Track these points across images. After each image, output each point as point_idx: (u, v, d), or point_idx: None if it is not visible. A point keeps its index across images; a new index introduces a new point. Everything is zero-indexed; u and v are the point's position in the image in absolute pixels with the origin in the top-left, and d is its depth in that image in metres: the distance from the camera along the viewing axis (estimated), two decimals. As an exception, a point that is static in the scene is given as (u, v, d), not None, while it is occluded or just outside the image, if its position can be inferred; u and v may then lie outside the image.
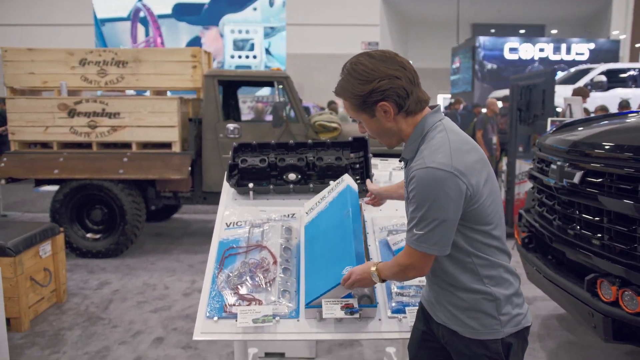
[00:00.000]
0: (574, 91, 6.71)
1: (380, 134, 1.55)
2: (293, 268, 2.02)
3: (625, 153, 2.29)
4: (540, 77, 5.90)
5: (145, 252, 5.45)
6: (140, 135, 5.14)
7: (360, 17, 19.16)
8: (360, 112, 1.53)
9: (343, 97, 1.54)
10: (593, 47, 18.66)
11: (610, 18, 19.95)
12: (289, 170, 2.40)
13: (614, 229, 2.28)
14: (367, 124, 1.55)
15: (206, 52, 5.70)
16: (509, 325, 1.50)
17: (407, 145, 1.54)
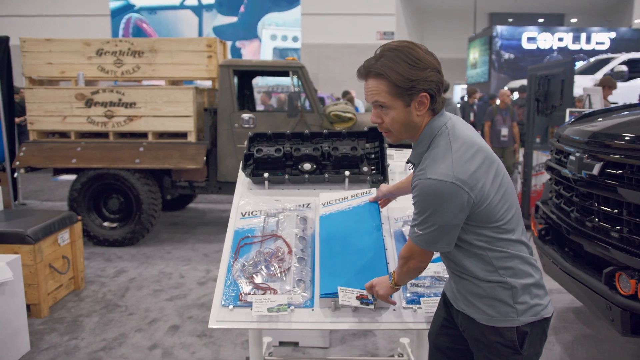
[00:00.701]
0: (600, 81, 6.53)
1: (401, 126, 1.51)
2: (308, 258, 2.03)
3: (648, 144, 2.24)
4: (558, 67, 5.80)
5: (161, 241, 5.51)
6: (156, 125, 5.18)
7: (375, 6, 18.98)
8: (397, 98, 1.46)
9: (386, 76, 1.44)
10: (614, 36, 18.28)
11: (632, 6, 19.49)
12: (304, 160, 2.40)
13: (633, 221, 2.25)
14: (395, 113, 1.48)
15: (221, 41, 5.70)
16: (526, 315, 1.50)
17: (414, 149, 1.56)
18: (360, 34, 18.90)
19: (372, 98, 1.49)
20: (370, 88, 1.49)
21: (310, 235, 2.13)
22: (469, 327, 1.58)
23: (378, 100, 1.48)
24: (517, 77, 14.91)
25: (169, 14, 15.77)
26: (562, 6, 22.54)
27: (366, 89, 1.50)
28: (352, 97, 9.96)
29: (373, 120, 1.54)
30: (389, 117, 1.50)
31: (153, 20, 15.77)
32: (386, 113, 1.50)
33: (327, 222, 2.13)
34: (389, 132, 1.54)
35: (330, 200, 2.21)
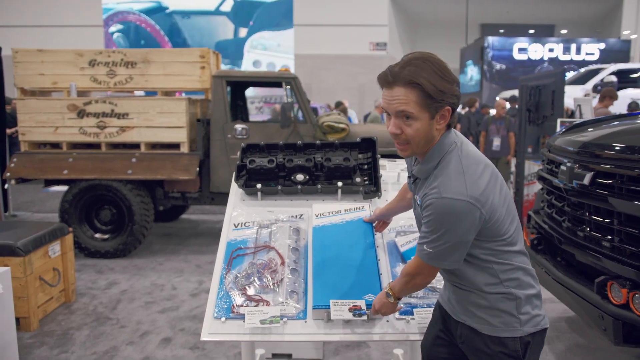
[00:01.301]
0: (602, 92, 6.60)
1: (422, 139, 1.45)
2: (301, 269, 2.02)
3: (636, 154, 2.27)
4: (549, 77, 5.86)
5: (153, 253, 5.48)
6: (149, 136, 5.17)
7: (368, 17, 19.14)
8: (425, 109, 1.41)
9: (420, 85, 1.37)
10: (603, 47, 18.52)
11: (621, 18, 19.78)
12: (297, 170, 2.40)
13: (624, 230, 2.26)
14: (420, 125, 1.42)
15: (214, 52, 5.71)
16: (529, 325, 1.51)
17: (423, 165, 1.52)
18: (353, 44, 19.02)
19: (397, 107, 1.41)
20: (397, 97, 1.40)
21: (303, 247, 2.12)
22: (471, 337, 1.57)
23: (406, 110, 1.40)
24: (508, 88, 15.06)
25: (203, 19, 15.67)
26: (552, 17, 22.83)
27: (389, 98, 1.42)
28: (345, 108, 10.01)
29: (392, 131, 1.45)
30: (412, 129, 1.43)
31: (186, 25, 15.61)
32: (409, 124, 1.42)
33: (320, 233, 2.13)
34: (406, 145, 1.47)
35: (323, 212, 2.21)
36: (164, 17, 15.63)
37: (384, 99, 1.44)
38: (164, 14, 15.61)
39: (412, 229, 2.18)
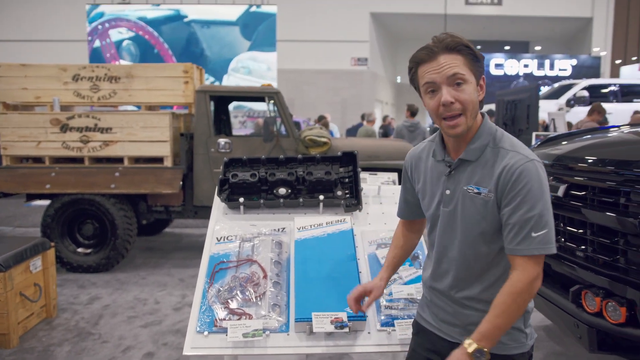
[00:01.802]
0: (591, 107, 6.74)
1: (474, 106, 1.38)
2: (283, 282, 2.01)
3: (608, 167, 2.31)
4: (524, 92, 5.98)
5: (136, 267, 5.40)
6: (132, 150, 5.12)
7: (350, 33, 19.37)
8: (472, 71, 1.38)
9: (465, 44, 1.38)
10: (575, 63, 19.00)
11: (591, 36, 20.33)
12: (279, 184, 2.40)
13: (597, 241, 2.30)
14: (472, 88, 1.37)
15: (198, 67, 5.71)
16: (531, 338, 1.48)
17: (474, 143, 1.41)
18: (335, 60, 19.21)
19: (449, 71, 1.35)
20: (446, 62, 1.35)
21: (286, 260, 2.12)
22: None
23: (458, 72, 1.35)
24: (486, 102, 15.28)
25: (223, 30, 15.07)
26: (526, 34, 23.36)
27: (437, 67, 1.36)
28: (327, 122, 10.06)
29: (446, 100, 1.35)
30: (466, 94, 1.36)
31: (205, 35, 15.00)
32: (462, 89, 1.36)
33: (302, 246, 2.13)
34: (459, 117, 1.37)
35: (305, 225, 2.21)
36: (182, 26, 14.98)
37: (429, 72, 1.37)
38: (182, 23, 14.99)
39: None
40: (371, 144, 5.80)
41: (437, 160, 1.50)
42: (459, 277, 1.47)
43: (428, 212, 1.55)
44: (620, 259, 2.16)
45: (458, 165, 1.44)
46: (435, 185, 1.50)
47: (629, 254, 2.11)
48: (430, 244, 1.59)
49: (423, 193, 1.56)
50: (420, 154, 1.59)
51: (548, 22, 20.70)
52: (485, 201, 1.38)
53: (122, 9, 14.98)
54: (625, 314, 2.05)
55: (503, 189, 1.35)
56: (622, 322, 2.05)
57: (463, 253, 1.45)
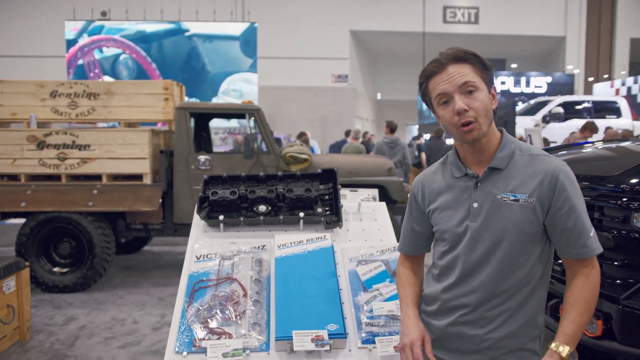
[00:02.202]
0: (585, 124, 6.87)
1: (487, 112, 1.39)
2: (263, 300, 1.99)
3: (582, 182, 2.36)
4: (502, 108, 6.09)
5: (114, 286, 5.30)
6: (111, 167, 5.06)
7: (330, 51, 19.58)
8: (483, 80, 1.40)
9: (472, 59, 1.40)
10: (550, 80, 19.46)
11: (565, 54, 20.91)
12: (259, 202, 2.39)
13: (573, 255, 2.34)
14: (484, 95, 1.39)
15: (178, 84, 5.70)
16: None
17: (501, 152, 1.42)
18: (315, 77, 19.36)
19: (460, 79, 1.37)
20: (456, 72, 1.38)
21: (266, 278, 2.10)
22: None
23: (469, 80, 1.37)
24: (464, 118, 15.50)
25: (226, 45, 14.76)
26: (503, 52, 23.89)
27: (447, 77, 1.38)
28: (307, 139, 10.09)
29: (460, 108, 1.36)
30: (479, 101, 1.37)
31: (207, 49, 14.65)
32: (475, 97, 1.37)
33: (282, 264, 2.11)
34: (473, 123, 1.37)
35: (285, 243, 2.21)
36: (183, 40, 14.68)
37: (440, 83, 1.39)
38: (183, 37, 14.66)
39: (372, 257, 2.19)
40: (351, 161, 5.83)
41: (456, 177, 1.48)
42: (488, 292, 1.42)
43: (447, 231, 1.47)
44: (596, 273, 2.20)
45: (487, 175, 1.42)
46: (458, 202, 1.46)
47: (604, 268, 2.14)
48: (445, 267, 1.50)
49: (442, 211, 1.49)
50: (432, 176, 1.55)
51: (523, 41, 21.24)
52: (526, 207, 1.37)
53: (119, 24, 14.84)
54: (601, 327, 2.08)
55: (551, 194, 1.36)
56: (599, 335, 2.08)
57: (498, 267, 1.40)
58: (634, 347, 1.98)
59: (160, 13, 14.87)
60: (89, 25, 14.77)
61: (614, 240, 2.09)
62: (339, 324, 1.82)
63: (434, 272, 1.57)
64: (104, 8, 15.19)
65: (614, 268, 2.10)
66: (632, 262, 2.04)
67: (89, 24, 14.77)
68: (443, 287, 1.49)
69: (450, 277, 1.48)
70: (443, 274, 1.51)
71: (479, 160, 1.45)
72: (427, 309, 1.56)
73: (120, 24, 14.87)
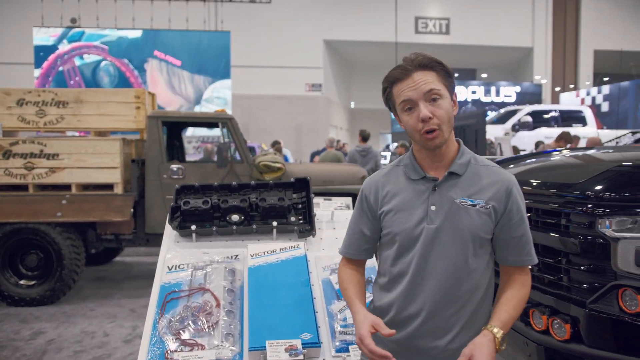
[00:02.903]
0: (560, 134, 6.74)
1: (450, 119, 1.43)
2: (237, 310, 1.98)
3: (550, 189, 2.42)
4: (472, 118, 6.22)
5: (84, 298, 5.17)
6: (81, 177, 4.95)
7: (304, 60, 19.65)
8: (446, 87, 1.44)
9: (437, 66, 1.44)
10: (519, 90, 19.94)
11: (532, 64, 21.46)
12: (232, 211, 2.38)
13: (542, 260, 2.39)
14: (447, 103, 1.43)
15: (150, 93, 5.63)
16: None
17: (460, 159, 1.48)
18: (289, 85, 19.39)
19: (425, 87, 1.41)
20: (421, 79, 1.41)
21: (239, 287, 2.08)
22: None
23: (434, 88, 1.41)
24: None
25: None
26: (473, 62, 24.38)
27: (413, 84, 1.42)
28: (280, 147, 10.09)
29: (424, 115, 1.40)
30: (443, 109, 1.41)
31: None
32: (439, 105, 1.41)
33: (255, 274, 2.10)
34: (436, 131, 1.41)
35: (258, 252, 2.19)
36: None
37: (405, 90, 1.42)
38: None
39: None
40: (325, 169, 5.85)
41: (413, 179, 1.49)
42: (443, 298, 1.42)
43: (400, 233, 1.46)
44: (564, 278, 2.24)
45: (446, 180, 1.46)
46: (414, 204, 1.46)
47: (571, 273, 2.20)
48: (398, 274, 1.48)
49: (396, 212, 1.48)
50: (386, 178, 1.55)
51: (493, 51, 21.72)
52: (482, 212, 1.42)
53: (99, 30, 14.60)
54: (569, 331, 2.12)
55: (505, 203, 1.44)
56: (567, 338, 2.12)
57: (453, 271, 1.42)
58: (601, 350, 2.02)
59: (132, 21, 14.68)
60: (68, 31, 14.49)
61: (580, 245, 2.14)
62: (312, 333, 1.81)
63: (383, 282, 1.53)
64: (74, 15, 14.91)
65: (580, 273, 2.15)
66: (598, 267, 2.10)
67: (68, 30, 14.48)
68: (396, 295, 1.47)
69: (402, 283, 1.46)
70: (394, 282, 1.49)
71: (436, 165, 1.49)
72: None
73: (101, 30, 14.66)
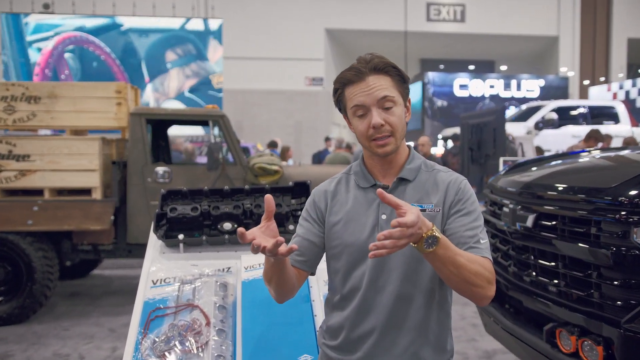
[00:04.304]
0: (588, 132, 6.63)
1: (402, 127, 1.53)
2: (229, 329, 1.97)
3: (578, 195, 2.42)
4: (490, 115, 6.22)
5: (57, 316, 5.16)
6: (55, 181, 4.96)
7: (303, 51, 19.69)
8: (400, 93, 1.52)
9: (393, 66, 1.51)
10: (543, 83, 19.95)
11: (558, 55, 21.48)
12: (224, 219, 2.38)
13: (569, 274, 2.38)
14: (400, 111, 1.51)
15: (133, 87, 5.64)
16: None
17: (410, 164, 1.57)
18: (287, 79, 19.43)
19: (379, 93, 1.48)
20: (375, 84, 1.48)
21: (232, 304, 2.08)
22: None
23: (388, 95, 1.48)
24: (450, 125, 15.80)
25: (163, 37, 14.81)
26: (491, 53, 24.43)
27: (366, 88, 1.48)
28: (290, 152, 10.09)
29: (376, 122, 1.47)
30: (396, 116, 1.50)
31: (143, 44, 14.68)
32: (392, 112, 1.49)
33: (250, 288, 2.10)
34: (389, 137, 1.50)
35: (253, 264, 2.19)
36: (117, 36, 14.65)
37: (358, 94, 1.49)
38: (118, 32, 14.65)
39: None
40: (326, 172, 5.85)
41: (363, 187, 1.58)
42: (396, 310, 1.49)
43: (351, 245, 1.52)
44: (595, 294, 2.24)
45: (396, 186, 1.55)
46: (364, 214, 1.53)
47: (603, 288, 2.19)
48: (351, 289, 1.53)
49: (345, 223, 1.54)
50: (336, 187, 1.63)
51: (514, 41, 21.77)
52: (432, 216, 1.49)
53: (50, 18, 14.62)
54: (602, 354, 2.11)
55: (452, 200, 1.52)
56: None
57: (403, 278, 1.48)
58: (637, 375, 2.02)
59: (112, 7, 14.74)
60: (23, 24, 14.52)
61: (612, 257, 2.13)
62: (313, 355, 1.81)
63: (335, 300, 1.59)
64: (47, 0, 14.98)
65: (613, 288, 2.14)
66: (633, 282, 2.09)
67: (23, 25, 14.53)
68: (348, 312, 1.53)
69: (354, 299, 1.52)
70: (347, 298, 1.55)
71: (386, 172, 1.58)
72: (331, 343, 1.57)
73: (51, 19, 14.72)
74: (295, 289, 1.58)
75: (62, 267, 5.46)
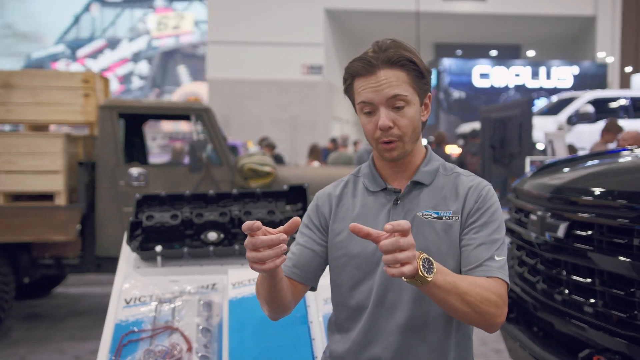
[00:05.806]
0: (607, 125, 6.54)
1: (414, 130, 1.51)
2: (213, 355, 1.98)
3: (618, 200, 2.42)
4: (515, 108, 6.24)
5: (13, 342, 5.17)
6: (11, 184, 4.97)
7: (300, 35, 19.73)
8: (416, 92, 1.50)
9: (409, 59, 1.48)
10: (577, 71, 19.98)
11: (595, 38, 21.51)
12: (208, 228, 2.39)
13: (608, 292, 2.38)
14: (414, 111, 1.49)
15: (102, 77, 5.66)
16: None
17: (425, 167, 1.57)
18: (281, 68, 19.47)
19: (389, 91, 1.46)
20: (386, 80, 1.46)
21: (217, 326, 2.09)
22: None
23: (399, 93, 1.46)
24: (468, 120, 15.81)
25: None
26: (517, 37, 24.49)
27: (376, 84, 1.46)
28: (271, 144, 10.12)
29: (383, 124, 1.46)
30: (407, 118, 1.48)
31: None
32: (403, 114, 1.48)
33: (238, 307, 2.11)
34: (396, 142, 1.49)
35: (242, 280, 2.20)
36: None
37: (366, 89, 1.48)
38: None
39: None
40: (325, 174, 5.87)
41: (372, 191, 1.59)
42: (409, 332, 1.49)
43: (357, 256, 1.53)
44: (639, 316, 2.24)
45: (409, 190, 1.55)
46: (373, 221, 1.53)
47: (649, 309, 2.19)
48: (356, 306, 1.54)
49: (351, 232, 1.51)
50: (342, 191, 1.64)
51: (543, 22, 21.83)
52: (449, 225, 1.51)
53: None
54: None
55: (470, 208, 1.52)
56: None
57: (416, 296, 1.48)
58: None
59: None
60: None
61: (658, 272, 2.14)
62: None
63: (340, 320, 1.60)
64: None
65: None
66: (681, 300, 2.09)
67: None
68: (354, 334, 1.53)
69: (361, 319, 1.53)
70: (353, 318, 1.55)
71: (398, 174, 1.58)
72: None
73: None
74: (291, 305, 1.57)
75: (19, 285, 5.47)
